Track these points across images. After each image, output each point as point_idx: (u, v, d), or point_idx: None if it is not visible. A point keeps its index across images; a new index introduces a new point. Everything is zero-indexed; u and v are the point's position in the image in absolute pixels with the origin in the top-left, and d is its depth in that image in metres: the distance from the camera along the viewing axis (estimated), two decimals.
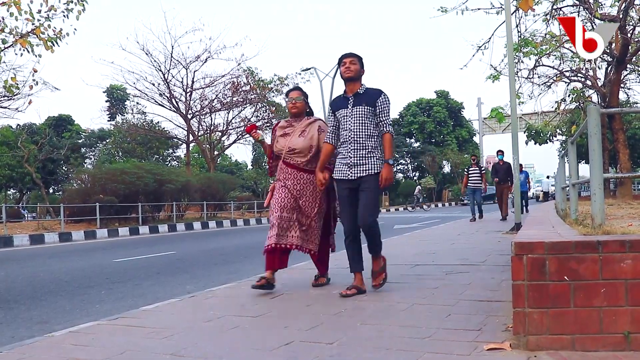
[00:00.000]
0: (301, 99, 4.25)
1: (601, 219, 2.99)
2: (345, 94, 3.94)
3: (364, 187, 3.79)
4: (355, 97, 3.88)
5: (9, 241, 12.85)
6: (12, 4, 10.84)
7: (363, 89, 3.90)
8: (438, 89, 52.16)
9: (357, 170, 3.80)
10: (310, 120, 4.25)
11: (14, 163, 26.60)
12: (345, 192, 3.89)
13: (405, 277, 4.59)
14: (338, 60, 3.94)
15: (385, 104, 3.85)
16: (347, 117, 3.86)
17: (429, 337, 2.66)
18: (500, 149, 13.79)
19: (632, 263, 2.29)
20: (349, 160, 3.82)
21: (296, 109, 4.24)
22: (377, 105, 3.83)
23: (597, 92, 16.79)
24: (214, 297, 4.08)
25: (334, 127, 3.98)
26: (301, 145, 4.14)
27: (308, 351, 2.52)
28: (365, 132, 3.81)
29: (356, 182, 3.81)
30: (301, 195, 4.15)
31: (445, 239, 8.57)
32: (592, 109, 3.06)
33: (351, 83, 3.89)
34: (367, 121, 3.81)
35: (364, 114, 3.81)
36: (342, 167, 3.87)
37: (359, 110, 3.82)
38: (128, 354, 2.61)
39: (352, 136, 3.81)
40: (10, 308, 4.62)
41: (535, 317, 2.34)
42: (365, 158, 3.80)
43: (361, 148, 3.80)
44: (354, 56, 3.91)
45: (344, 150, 3.88)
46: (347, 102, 3.89)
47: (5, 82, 12.46)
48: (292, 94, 4.31)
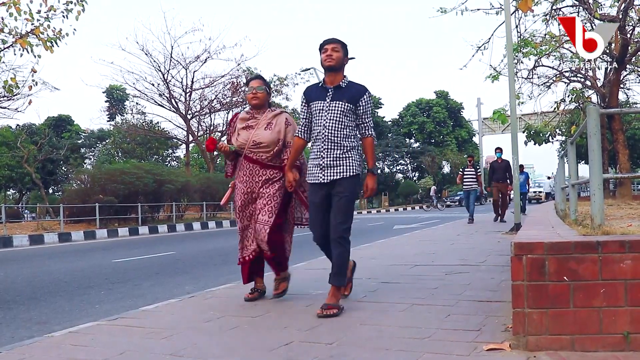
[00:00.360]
0: (263, 88, 3.84)
1: (601, 220, 2.99)
2: (324, 84, 3.46)
3: (337, 191, 3.36)
4: (335, 89, 3.42)
5: (9, 241, 12.85)
6: (11, 4, 10.84)
7: (346, 82, 3.44)
8: (438, 89, 52.26)
9: (330, 173, 3.37)
10: (275, 112, 3.86)
11: (13, 163, 26.60)
12: (316, 198, 3.44)
13: (404, 277, 4.59)
14: (319, 47, 3.47)
15: (369, 103, 3.45)
16: (324, 111, 3.39)
17: (429, 337, 2.65)
18: (499, 146, 13.26)
19: (632, 263, 2.29)
20: (321, 161, 3.38)
21: (257, 100, 3.81)
22: (359, 105, 3.40)
23: (596, 93, 16.80)
24: (213, 297, 4.08)
25: (306, 119, 3.52)
26: (268, 138, 3.73)
27: (307, 351, 2.51)
28: (342, 131, 3.37)
29: (329, 186, 3.39)
30: (262, 193, 3.77)
31: (444, 239, 8.57)
32: (592, 109, 3.06)
33: (332, 73, 3.42)
34: (345, 119, 3.38)
35: (343, 111, 3.37)
36: (313, 170, 3.44)
37: (338, 106, 3.37)
38: (127, 354, 2.61)
39: (326, 134, 3.36)
40: (10, 308, 4.61)
41: (534, 317, 2.34)
42: (340, 159, 3.37)
43: (336, 147, 3.36)
44: (336, 42, 3.44)
45: (316, 150, 3.43)
46: (326, 93, 3.42)
47: (4, 82, 12.45)
48: (252, 82, 3.89)
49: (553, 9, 14.25)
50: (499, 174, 12.67)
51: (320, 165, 3.39)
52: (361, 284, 4.35)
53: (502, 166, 12.63)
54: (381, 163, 47.83)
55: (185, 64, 24.83)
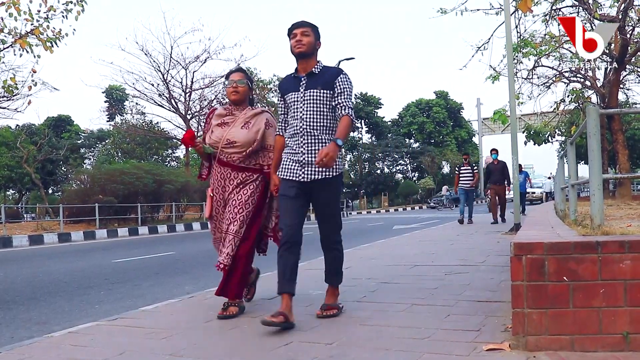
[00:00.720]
0: (244, 82, 3.50)
1: (600, 220, 2.99)
2: (297, 74, 3.20)
3: (322, 196, 3.10)
4: (309, 77, 3.14)
5: (8, 242, 12.84)
6: (11, 5, 10.84)
7: (319, 67, 3.16)
8: (437, 90, 52.27)
9: (310, 171, 3.06)
10: (256, 111, 3.51)
11: (13, 164, 26.61)
12: (291, 192, 3.08)
13: (404, 278, 4.59)
14: (287, 32, 3.19)
15: (345, 83, 3.14)
16: (298, 102, 3.12)
17: (428, 337, 2.66)
18: (494, 147, 12.86)
19: (631, 264, 2.30)
20: (301, 157, 3.07)
21: (237, 94, 3.48)
22: (335, 86, 3.11)
23: (596, 93, 16.80)
24: (213, 297, 4.07)
25: (285, 115, 3.25)
26: (243, 138, 3.40)
27: (307, 351, 2.52)
28: (321, 122, 3.09)
29: (308, 185, 3.08)
30: (235, 200, 3.41)
31: (444, 239, 8.57)
32: (591, 109, 3.06)
33: (304, 60, 3.14)
34: (323, 108, 3.10)
35: (319, 99, 3.09)
36: (291, 165, 3.11)
37: (313, 94, 3.09)
38: (127, 355, 2.61)
39: (304, 127, 3.08)
40: (10, 308, 4.61)
41: (534, 317, 2.34)
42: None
43: (317, 142, 3.07)
44: (306, 25, 3.15)
45: (294, 144, 3.12)
46: (299, 83, 3.15)
47: (4, 82, 12.46)
48: (233, 75, 3.55)
49: (553, 9, 14.26)
50: (496, 176, 12.34)
51: (300, 161, 3.07)
52: (361, 284, 4.35)
53: (499, 168, 12.34)
54: (381, 163, 47.83)
55: (185, 64, 24.82)
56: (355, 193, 45.61)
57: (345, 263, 4.00)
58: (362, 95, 48.77)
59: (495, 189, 12.44)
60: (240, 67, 3.74)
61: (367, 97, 48.77)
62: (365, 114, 48.21)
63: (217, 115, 3.56)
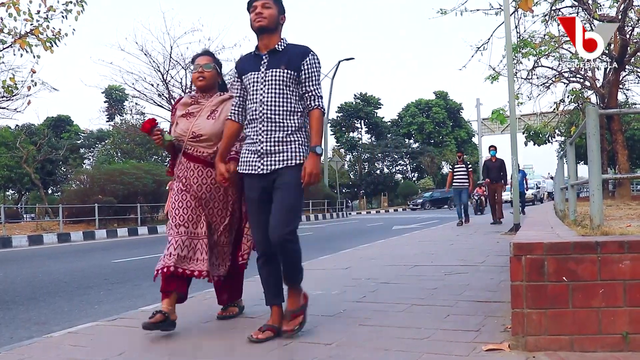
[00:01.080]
0: (211, 66, 3.16)
1: (600, 220, 2.99)
2: (258, 51, 2.85)
3: (280, 183, 2.72)
4: (270, 55, 2.79)
5: (8, 242, 12.84)
6: (10, 5, 10.84)
7: (283, 44, 2.83)
8: (437, 90, 52.28)
9: (270, 161, 2.73)
10: (223, 97, 3.15)
11: (12, 164, 26.59)
12: (254, 194, 2.80)
13: (404, 278, 4.59)
14: (247, 6, 2.85)
15: (314, 67, 2.79)
16: (258, 83, 2.77)
17: (428, 337, 2.66)
18: (493, 144, 12.42)
19: (631, 264, 2.30)
20: (259, 146, 2.74)
21: (204, 81, 3.13)
22: (302, 69, 2.76)
23: (596, 93, 16.80)
24: (212, 298, 4.07)
25: (240, 97, 2.89)
26: (209, 129, 3.04)
27: (307, 352, 2.52)
28: (284, 106, 2.74)
29: (270, 178, 2.75)
30: (209, 201, 3.11)
31: (444, 239, 8.58)
32: (591, 109, 3.06)
33: (266, 35, 2.79)
34: (286, 90, 2.75)
35: (282, 80, 2.74)
36: (249, 157, 2.79)
37: (275, 75, 2.74)
38: (127, 355, 2.61)
39: (264, 111, 2.73)
40: (9, 309, 4.61)
41: (533, 317, 2.34)
42: (283, 143, 2.73)
43: (277, 129, 2.73)
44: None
45: (252, 132, 2.78)
46: (260, 62, 2.80)
47: (3, 82, 12.45)
48: (199, 59, 3.20)
49: (552, 9, 14.27)
50: (494, 174, 11.96)
51: (258, 151, 2.75)
52: (360, 284, 4.35)
53: (497, 165, 11.98)
54: (380, 163, 47.84)
55: (184, 65, 24.79)
56: (355, 193, 45.61)
57: (345, 263, 4.00)
58: (361, 95, 48.79)
59: (492, 187, 12.15)
60: (207, 50, 3.34)
61: (366, 97, 48.80)
62: (364, 114, 48.24)
63: (182, 105, 3.19)
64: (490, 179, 12.01)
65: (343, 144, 48.36)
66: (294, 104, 2.77)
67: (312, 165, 2.69)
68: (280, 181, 2.72)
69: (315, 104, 2.77)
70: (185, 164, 3.11)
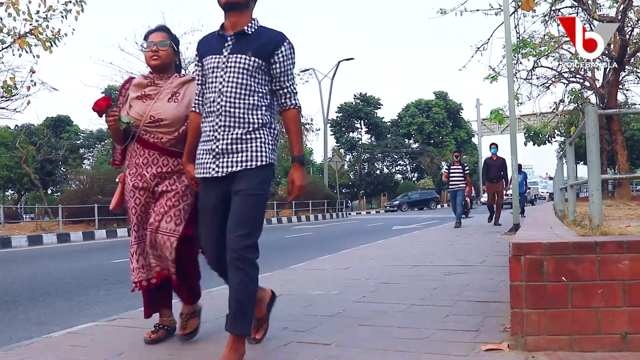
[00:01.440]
0: (166, 44, 2.77)
1: (599, 220, 2.99)
2: (223, 31, 2.42)
3: (238, 189, 2.31)
4: (237, 37, 2.36)
5: (7, 242, 12.83)
6: (10, 5, 10.84)
7: (254, 27, 2.40)
8: (437, 90, 52.36)
9: (226, 162, 2.32)
10: (185, 79, 2.80)
11: (12, 164, 26.58)
12: (208, 201, 2.40)
13: (403, 278, 4.59)
14: None
15: (289, 58, 2.40)
16: (219, 69, 2.35)
17: (427, 338, 2.66)
18: (494, 142, 11.87)
19: (630, 264, 2.30)
20: (214, 144, 2.34)
21: (159, 60, 2.76)
22: (274, 60, 2.36)
23: (595, 94, 16.81)
24: (212, 298, 4.07)
25: (202, 84, 2.48)
26: (171, 114, 2.70)
27: (306, 352, 2.52)
28: (246, 99, 2.33)
29: (227, 183, 2.34)
30: (162, 193, 2.73)
31: (443, 239, 8.58)
32: (590, 109, 3.07)
33: (234, 13, 2.37)
34: (251, 81, 2.34)
35: (247, 69, 2.32)
36: (203, 157, 2.39)
37: (239, 61, 2.32)
38: (127, 355, 2.61)
39: (222, 103, 2.32)
40: (8, 309, 4.61)
41: (533, 317, 2.34)
42: (242, 142, 2.32)
43: (236, 125, 2.32)
44: None
45: (208, 128, 2.38)
46: (223, 44, 2.38)
47: (3, 82, 12.44)
48: (153, 36, 2.79)
49: (552, 9, 14.27)
50: (494, 172, 11.37)
51: (213, 150, 2.34)
52: (360, 284, 4.36)
53: (498, 164, 11.40)
54: (380, 164, 47.86)
55: (184, 65, 24.84)
56: (355, 193, 45.61)
57: (345, 263, 4.00)
58: (361, 95, 48.82)
59: (492, 186, 11.54)
60: (162, 26, 2.94)
61: (366, 97, 48.83)
62: (364, 114, 48.26)
63: (136, 86, 2.84)
64: (491, 177, 11.46)
65: (343, 144, 48.40)
66: (259, 98, 2.37)
67: (300, 178, 2.38)
68: (238, 187, 2.31)
69: (291, 102, 2.43)
70: (139, 151, 2.76)
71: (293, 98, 2.44)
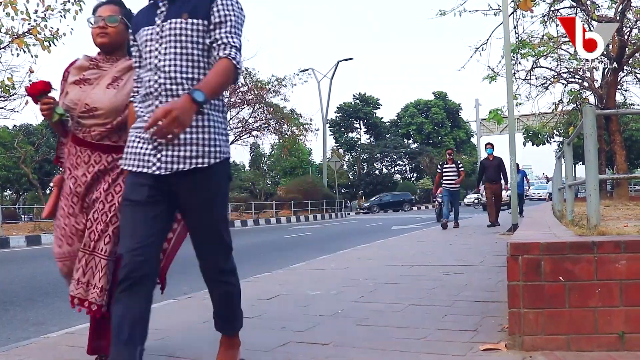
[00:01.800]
0: (116, 19, 2.31)
1: (597, 220, 3.00)
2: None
3: (193, 198, 1.95)
4: (170, 2, 1.95)
5: (5, 242, 12.82)
6: (8, 4, 10.84)
7: None
8: (436, 90, 52.42)
9: (170, 157, 1.89)
10: (131, 62, 2.23)
11: (10, 164, 26.59)
12: (139, 194, 1.92)
13: (402, 278, 4.60)
14: None
15: (228, 8, 1.93)
16: (153, 41, 1.94)
17: (425, 337, 2.66)
18: (489, 142, 11.55)
19: (627, 264, 2.30)
20: None
21: (106, 37, 2.31)
22: (212, 13, 1.92)
23: (594, 94, 16.83)
24: (210, 298, 4.07)
25: (139, 66, 2.05)
26: (107, 102, 2.26)
27: (304, 352, 2.52)
28: (189, 74, 1.91)
29: (168, 183, 1.92)
30: (94, 203, 2.28)
31: (442, 239, 8.59)
32: (588, 110, 3.08)
33: None
34: (193, 50, 1.92)
35: (185, 35, 1.91)
36: (138, 146, 1.95)
37: (175, 27, 1.91)
38: None
39: (160, 81, 1.91)
40: (6, 309, 4.60)
41: (530, 317, 2.34)
42: (191, 129, 1.89)
43: None
44: None
45: (145, 112, 1.96)
46: (156, 12, 1.97)
47: (1, 82, 12.44)
48: (101, 10, 2.33)
49: (551, 10, 14.29)
50: (491, 173, 11.01)
51: (155, 140, 1.89)
52: (359, 284, 4.36)
53: (495, 164, 11.01)
54: (379, 164, 47.88)
55: None
56: (354, 193, 45.61)
57: (344, 263, 4.00)
58: (360, 95, 48.85)
59: (491, 187, 11.17)
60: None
61: (365, 97, 48.86)
62: (363, 115, 48.29)
63: (77, 69, 2.38)
64: (488, 179, 11.12)
65: (342, 144, 48.42)
66: (205, 70, 1.93)
67: (177, 105, 1.68)
68: (196, 196, 1.94)
69: (225, 52, 1.89)
70: (71, 149, 2.35)
71: (228, 47, 1.90)
